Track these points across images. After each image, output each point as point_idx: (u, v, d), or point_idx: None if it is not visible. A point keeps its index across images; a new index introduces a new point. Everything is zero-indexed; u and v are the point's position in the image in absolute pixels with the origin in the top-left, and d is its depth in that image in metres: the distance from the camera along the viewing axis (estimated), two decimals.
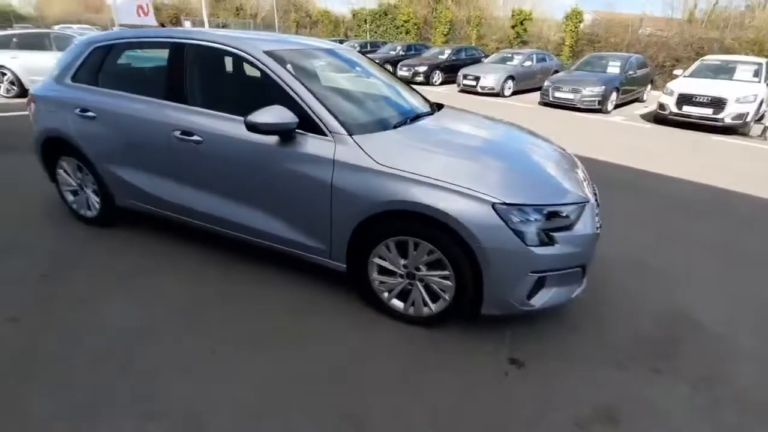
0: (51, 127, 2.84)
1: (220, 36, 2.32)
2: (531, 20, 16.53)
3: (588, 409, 1.72)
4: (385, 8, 22.48)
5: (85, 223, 3.10)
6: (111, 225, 3.04)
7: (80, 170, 2.90)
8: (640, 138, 7.18)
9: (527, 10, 16.43)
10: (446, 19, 19.21)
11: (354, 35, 25.39)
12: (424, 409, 1.69)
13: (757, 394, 1.83)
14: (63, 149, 2.88)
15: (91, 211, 3.02)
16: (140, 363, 1.86)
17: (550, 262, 1.86)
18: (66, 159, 2.93)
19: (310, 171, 2.04)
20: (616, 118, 8.99)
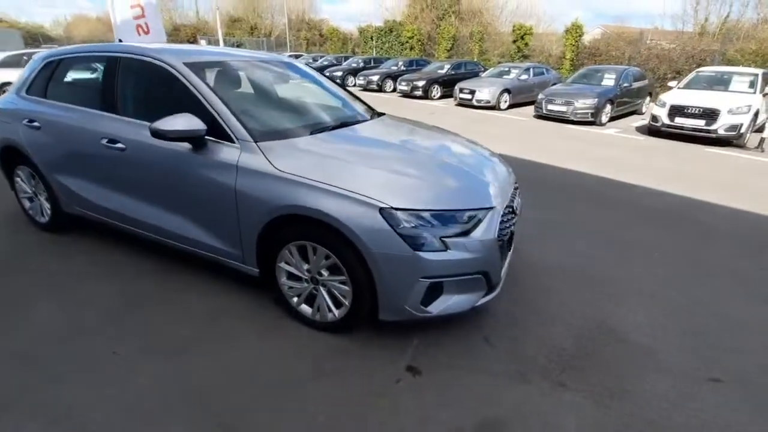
0: (6, 137, 2.98)
1: (148, 49, 2.42)
2: (532, 35, 16.61)
3: (474, 421, 1.66)
4: (390, 25, 22.96)
5: (41, 228, 3.21)
6: (62, 231, 3.14)
7: (33, 178, 3.02)
8: (624, 149, 7.05)
9: (528, 25, 16.53)
10: (449, 35, 19.46)
11: (361, 51, 25.96)
12: (303, 417, 1.66)
13: (656, 412, 1.73)
14: (17, 158, 3.02)
15: (43, 217, 3.14)
16: (49, 363, 1.90)
17: (443, 267, 1.84)
18: (21, 168, 3.06)
19: (217, 176, 2.08)
20: (610, 131, 8.86)
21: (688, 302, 2.54)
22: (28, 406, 1.66)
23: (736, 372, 1.98)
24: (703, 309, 2.48)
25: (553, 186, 4.82)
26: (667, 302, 2.54)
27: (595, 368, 1.98)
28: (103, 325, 2.16)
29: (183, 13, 48.25)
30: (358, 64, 19.09)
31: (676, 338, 2.21)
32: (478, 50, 18.33)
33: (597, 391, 1.84)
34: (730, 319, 2.39)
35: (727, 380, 1.93)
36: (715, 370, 1.99)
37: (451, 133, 3.01)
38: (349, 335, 2.12)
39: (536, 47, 16.79)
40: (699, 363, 2.03)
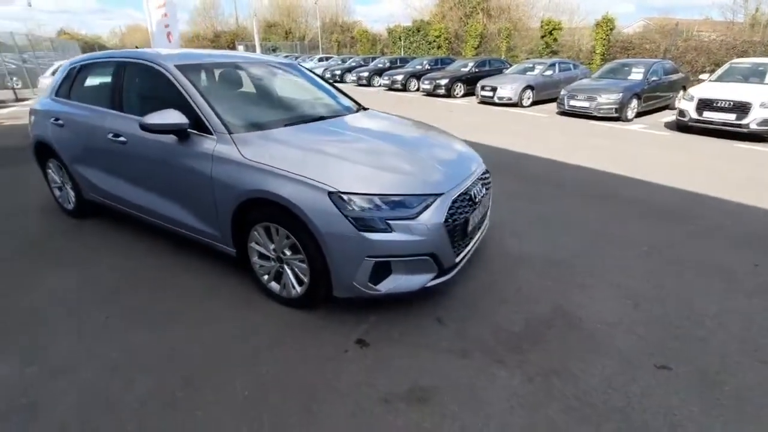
0: (38, 134, 3.42)
1: (147, 54, 2.73)
2: (561, 30, 16.09)
3: (404, 388, 1.79)
4: (418, 25, 23.00)
5: (67, 214, 3.65)
6: (85, 216, 3.55)
7: (60, 169, 3.45)
8: (646, 145, 6.77)
9: (556, 20, 16.04)
10: (476, 32, 19.25)
11: (389, 52, 26.18)
12: (253, 375, 1.86)
13: (594, 395, 1.78)
14: (48, 152, 3.45)
15: (70, 204, 3.56)
16: (49, 322, 2.22)
17: (388, 248, 1.98)
18: (51, 160, 3.50)
19: (197, 165, 2.34)
20: (635, 126, 8.51)
21: (659, 294, 2.52)
22: (20, 348, 1.98)
23: (690, 362, 1.96)
24: (673, 301, 2.45)
25: (558, 181, 4.77)
26: (636, 293, 2.52)
27: (540, 350, 2.04)
28: (103, 295, 2.48)
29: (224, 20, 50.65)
30: (384, 65, 19.30)
31: (634, 327, 2.21)
32: (505, 47, 18.01)
33: (535, 370, 1.91)
34: (699, 312, 2.35)
35: (677, 369, 1.92)
36: (667, 358, 1.99)
37: (426, 125, 3.13)
38: (313, 311, 2.30)
39: (566, 42, 16.26)
40: (652, 351, 2.04)
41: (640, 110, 9.21)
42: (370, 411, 1.68)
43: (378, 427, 1.61)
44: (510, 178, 4.83)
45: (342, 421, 1.63)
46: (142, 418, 1.64)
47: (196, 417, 1.65)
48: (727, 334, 2.15)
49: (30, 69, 16.19)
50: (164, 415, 1.66)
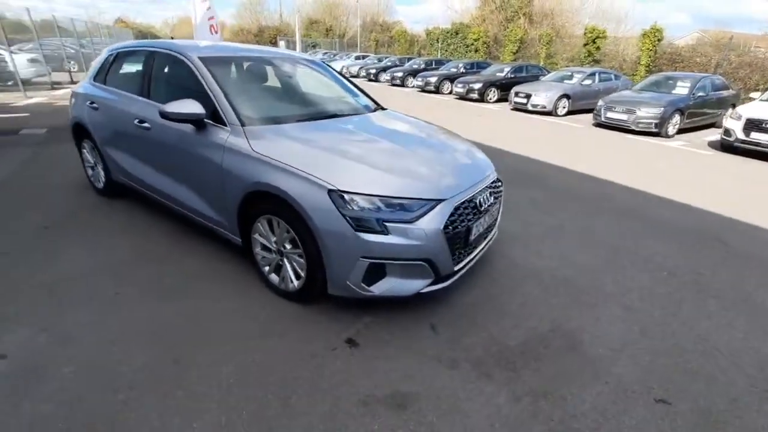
0: (76, 116, 3.64)
1: (174, 44, 2.85)
2: (605, 38, 15.44)
3: (385, 392, 1.78)
4: (456, 27, 22.76)
5: (97, 193, 3.87)
6: (113, 196, 3.75)
7: (93, 150, 3.65)
8: (683, 164, 6.39)
9: (601, 28, 15.40)
10: (516, 37, 18.82)
11: (426, 53, 26.06)
12: (240, 362, 1.91)
13: (582, 423, 1.70)
14: (84, 133, 3.67)
15: (100, 183, 3.77)
16: (66, 292, 2.37)
17: (383, 250, 1.97)
18: (86, 141, 3.72)
19: (210, 154, 2.41)
20: (675, 143, 8.06)
21: (672, 323, 2.38)
22: (37, 316, 2.11)
23: (693, 399, 1.84)
24: (686, 332, 2.31)
25: (581, 194, 4.60)
26: (646, 319, 2.39)
27: (533, 369, 1.97)
28: (116, 271, 2.61)
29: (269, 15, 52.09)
30: (419, 66, 19.23)
31: (638, 354, 2.10)
32: (545, 54, 17.51)
33: (523, 389, 1.85)
34: (713, 346, 2.20)
35: (677, 405, 1.81)
36: (668, 392, 1.87)
37: (442, 129, 3.09)
38: (309, 306, 2.33)
39: (609, 52, 15.59)
40: (653, 382, 1.93)
41: (682, 126, 8.72)
42: (347, 411, 1.68)
43: (353, 428, 1.61)
44: (530, 188, 4.70)
45: (318, 419, 1.64)
46: (132, 391, 1.72)
47: (178, 397, 1.70)
48: (740, 374, 2.00)
49: (86, 54, 17.28)
50: (153, 389, 1.73)
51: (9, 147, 5.46)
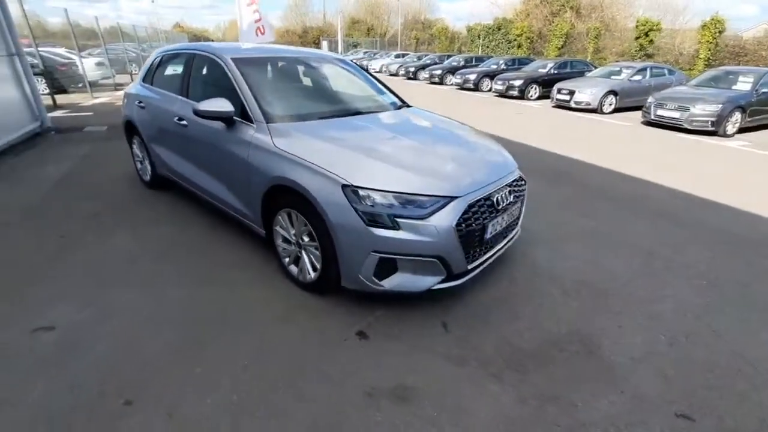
0: (128, 114, 3.97)
1: (210, 47, 3.03)
2: (659, 31, 14.37)
3: (390, 384, 1.81)
4: (499, 23, 22.15)
5: (145, 185, 4.20)
6: (158, 188, 4.05)
7: (141, 146, 3.97)
8: (740, 166, 5.85)
9: (655, 20, 14.33)
10: (561, 32, 18.00)
11: (467, 50, 25.59)
12: (255, 345, 2.02)
13: (591, 430, 1.64)
14: (133, 131, 4.00)
15: (147, 177, 4.09)
16: (109, 272, 2.61)
17: (393, 245, 2.00)
18: (135, 137, 4.05)
19: (238, 150, 2.56)
20: (733, 143, 7.39)
21: (707, 336, 2.21)
22: (82, 294, 2.35)
23: (719, 417, 1.72)
24: (722, 346, 2.14)
25: (618, 195, 4.36)
26: (676, 330, 2.25)
27: (544, 373, 1.92)
28: (155, 256, 2.84)
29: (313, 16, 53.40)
30: (459, 63, 18.93)
31: (663, 366, 1.98)
32: (592, 48, 16.61)
33: (531, 392, 1.81)
34: (751, 363, 2.02)
35: (701, 421, 1.70)
36: (692, 408, 1.76)
37: (466, 127, 3.07)
38: (325, 297, 2.41)
39: (664, 45, 14.50)
40: (676, 396, 1.82)
41: (744, 125, 7.97)
42: (351, 401, 1.73)
43: (354, 416, 1.66)
44: (562, 188, 4.52)
45: (322, 406, 1.70)
46: (157, 365, 1.87)
47: (196, 373, 1.84)
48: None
49: (146, 57, 18.67)
50: (176, 365, 1.88)
51: (73, 142, 6.04)
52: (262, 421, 1.62)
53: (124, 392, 1.73)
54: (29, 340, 2.03)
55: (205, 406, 1.67)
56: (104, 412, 1.64)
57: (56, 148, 5.78)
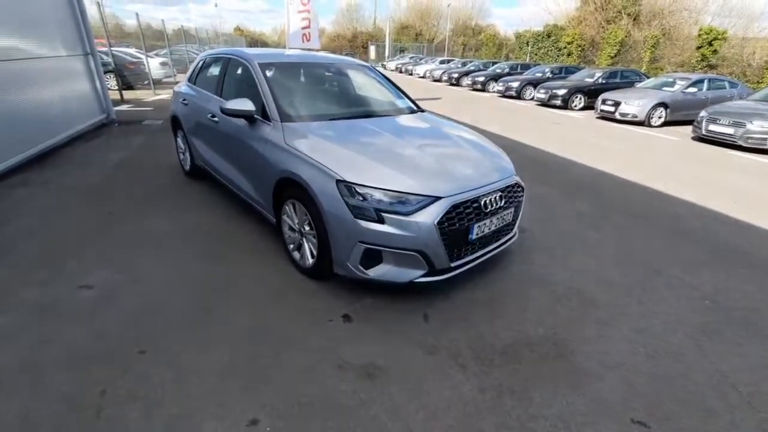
0: (174, 110, 4.46)
1: (243, 52, 3.38)
2: (724, 40, 13.33)
3: (361, 362, 1.99)
4: (549, 30, 21.53)
5: (185, 174, 4.68)
6: (196, 177, 4.50)
7: (183, 139, 4.44)
8: None
9: (720, 29, 13.31)
10: (615, 40, 17.20)
11: (514, 57, 25.09)
12: (250, 319, 2.27)
13: (540, 425, 1.72)
14: (178, 125, 4.48)
15: (186, 166, 4.56)
16: (143, 247, 3.01)
17: (378, 237, 2.18)
18: (179, 131, 4.53)
19: (256, 145, 2.86)
20: None
21: (691, 353, 2.18)
22: (119, 262, 2.74)
23: (679, 429, 1.73)
24: (705, 364, 2.11)
25: (635, 211, 4.24)
26: (660, 345, 2.24)
27: (509, 369, 2.01)
28: (182, 237, 3.22)
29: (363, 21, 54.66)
30: (503, 70, 18.65)
31: (633, 376, 2.00)
32: (648, 57, 15.72)
33: (491, 384, 1.91)
34: (731, 384, 1.98)
35: (654, 428, 1.73)
36: (652, 418, 1.78)
37: (470, 132, 3.19)
38: (321, 282, 2.63)
39: (731, 56, 13.43)
40: (639, 405, 1.84)
41: None
42: (323, 371, 1.93)
43: (326, 383, 1.86)
44: (579, 200, 4.46)
45: (298, 371, 1.92)
46: (170, 325, 2.19)
47: (200, 334, 2.13)
48: (752, 416, 1.80)
49: None
50: (185, 327, 2.18)
51: (132, 134, 6.77)
52: (246, 380, 1.86)
53: (140, 343, 2.05)
54: (73, 294, 2.43)
55: (203, 362, 1.95)
56: (121, 357, 1.96)
57: (117, 137, 6.52)
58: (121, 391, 1.77)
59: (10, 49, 4.78)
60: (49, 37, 5.68)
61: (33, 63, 5.20)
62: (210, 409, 1.70)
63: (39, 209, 3.64)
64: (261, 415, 1.68)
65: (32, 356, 1.94)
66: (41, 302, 2.34)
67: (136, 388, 1.79)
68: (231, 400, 1.75)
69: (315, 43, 11.44)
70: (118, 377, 1.84)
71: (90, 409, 1.68)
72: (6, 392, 1.74)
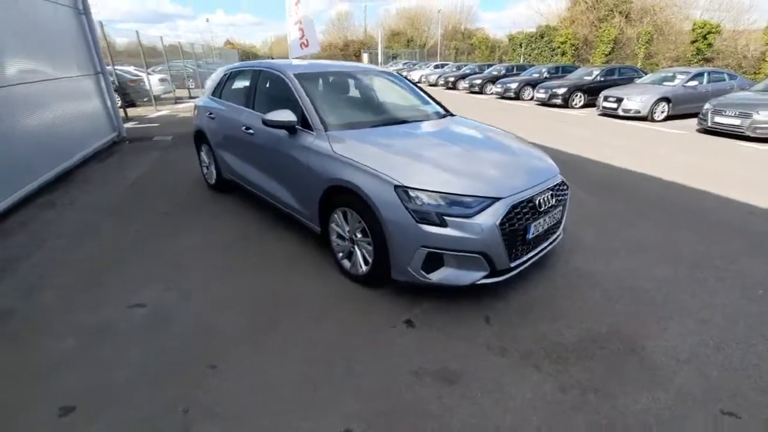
0: (198, 124, 4.45)
1: (273, 63, 3.40)
2: (718, 33, 13.55)
3: (435, 367, 1.98)
4: (541, 31, 21.81)
5: (209, 187, 4.65)
6: (221, 190, 4.48)
7: (209, 152, 4.42)
8: None
9: (714, 23, 13.54)
10: (609, 38, 17.44)
11: (508, 59, 25.35)
12: (312, 325, 2.25)
13: (630, 421, 1.71)
14: (202, 138, 4.47)
15: (212, 180, 4.54)
16: (184, 263, 2.98)
17: (441, 240, 2.17)
18: (203, 145, 4.51)
19: (299, 155, 2.85)
20: None
21: (757, 343, 2.18)
22: (164, 279, 2.70)
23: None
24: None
25: (666, 206, 4.25)
26: (725, 336, 2.23)
27: (584, 366, 2.00)
28: (220, 249, 3.19)
29: (354, 30, 55.09)
30: (499, 72, 18.83)
31: (708, 368, 1.99)
32: (643, 54, 15.95)
33: (571, 383, 1.90)
34: None
35: (747, 420, 1.72)
36: (739, 407, 1.77)
37: (509, 134, 3.20)
38: (374, 289, 2.62)
39: (725, 49, 13.64)
40: (722, 396, 1.84)
41: None
42: (399, 378, 1.91)
43: (404, 390, 1.84)
44: (608, 197, 4.48)
45: (374, 380, 1.90)
46: (234, 338, 2.16)
47: (267, 347, 2.10)
48: None
49: (202, 73, 20.19)
50: (251, 341, 2.15)
51: (145, 150, 6.75)
52: (325, 391, 1.84)
53: (208, 358, 2.02)
54: (127, 314, 2.40)
55: (276, 375, 1.92)
56: (193, 373, 1.93)
57: (131, 155, 6.49)
58: (203, 408, 1.74)
59: (27, 72, 4.76)
60: (62, 58, 5.68)
61: (49, 84, 5.18)
62: (296, 421, 1.68)
63: (71, 230, 3.61)
64: (352, 425, 1.66)
65: (103, 379, 1.91)
66: (97, 324, 2.31)
67: (217, 403, 1.76)
68: (315, 411, 1.73)
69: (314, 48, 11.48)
70: (195, 394, 1.81)
71: (178, 426, 1.64)
72: (86, 417, 1.70)
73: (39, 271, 2.90)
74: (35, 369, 1.97)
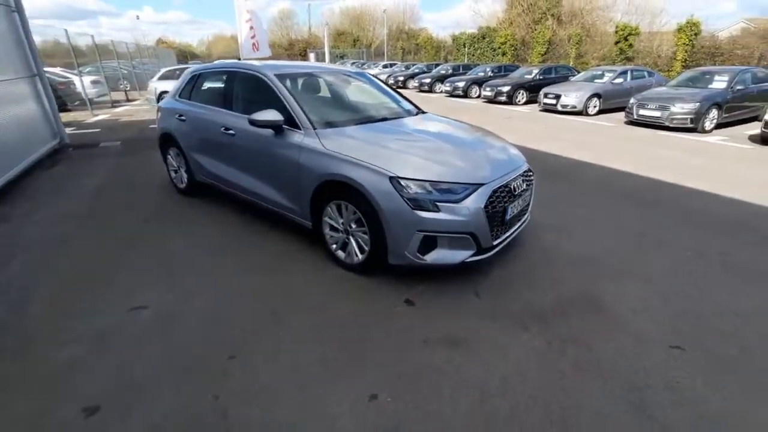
0: (164, 127, 4.34)
1: (254, 65, 3.44)
2: (638, 35, 15.25)
3: (441, 335, 2.22)
4: (483, 32, 23.01)
5: (179, 192, 4.54)
6: (193, 194, 4.40)
7: (178, 156, 4.33)
8: (717, 157, 6.44)
9: (633, 25, 15.21)
10: (544, 39, 18.86)
11: (453, 59, 26.41)
12: (318, 313, 2.40)
13: (605, 361, 2.06)
14: (170, 142, 4.35)
15: (182, 184, 4.44)
16: (176, 269, 2.97)
17: (435, 224, 2.41)
18: (171, 148, 4.40)
19: (288, 153, 2.96)
20: (712, 138, 8.03)
21: (693, 293, 2.66)
22: (160, 282, 2.70)
23: (707, 348, 2.15)
24: (706, 300, 2.59)
25: (609, 188, 4.85)
26: (668, 290, 2.69)
27: (564, 323, 2.35)
28: (209, 252, 3.20)
29: (298, 29, 54.09)
30: (447, 71, 19.63)
31: (658, 315, 2.42)
32: (574, 54, 17.46)
33: (555, 336, 2.23)
34: (730, 311, 2.47)
35: (691, 351, 2.14)
36: (684, 342, 2.19)
37: (479, 128, 3.52)
38: (370, 277, 2.80)
39: (643, 49, 15.37)
40: (670, 335, 2.25)
41: (721, 121, 8.64)
42: (412, 347, 2.13)
43: (418, 356, 2.06)
44: (559, 183, 5.00)
45: (389, 349, 2.10)
46: (245, 331, 2.25)
47: (281, 336, 2.22)
48: (753, 331, 2.29)
49: (137, 74, 18.90)
50: (264, 331, 2.25)
51: (95, 157, 6.35)
52: (347, 365, 2.00)
53: (226, 349, 2.10)
54: (130, 316, 2.39)
55: (298, 357, 2.05)
56: (215, 364, 2.01)
57: (80, 162, 6.08)
58: (233, 393, 1.83)
59: None
60: None
61: None
62: (326, 393, 1.83)
63: (35, 242, 3.40)
64: (376, 390, 1.84)
65: (121, 378, 1.93)
66: (101, 330, 2.28)
67: (246, 388, 1.86)
68: (343, 382, 1.89)
69: (264, 52, 11.32)
70: (222, 382, 1.90)
71: (215, 412, 1.73)
72: (121, 416, 1.73)
73: (18, 283, 2.75)
74: (46, 377, 1.93)
